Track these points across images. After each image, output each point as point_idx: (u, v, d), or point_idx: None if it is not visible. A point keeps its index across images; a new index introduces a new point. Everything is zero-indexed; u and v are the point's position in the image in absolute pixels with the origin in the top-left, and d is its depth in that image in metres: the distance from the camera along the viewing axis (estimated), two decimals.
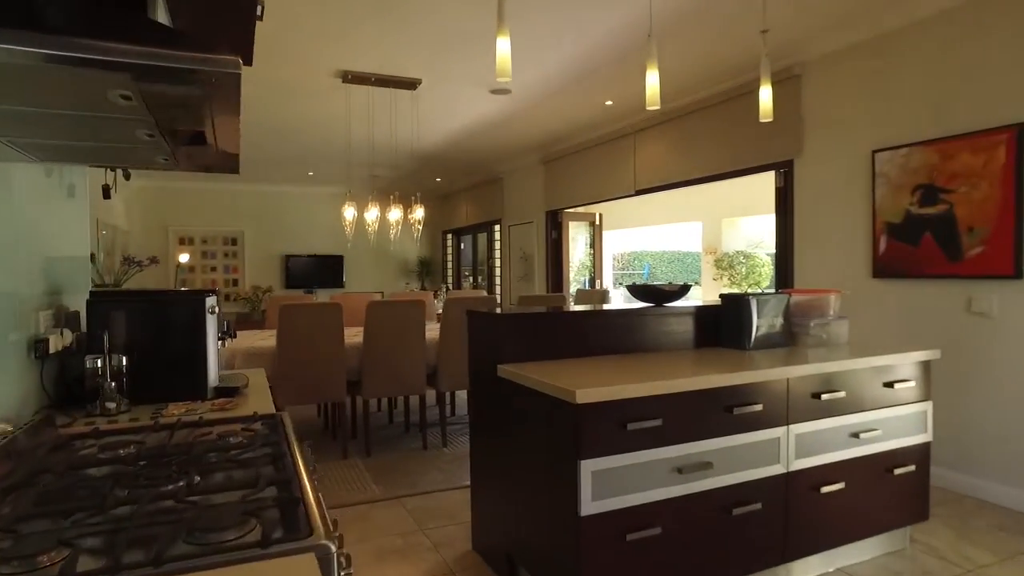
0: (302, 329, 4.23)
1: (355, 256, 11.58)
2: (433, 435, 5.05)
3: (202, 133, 1.36)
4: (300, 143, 7.56)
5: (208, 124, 1.27)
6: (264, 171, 9.64)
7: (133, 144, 1.40)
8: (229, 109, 1.20)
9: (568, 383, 2.08)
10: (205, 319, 1.98)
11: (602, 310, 2.84)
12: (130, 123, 1.23)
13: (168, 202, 10.60)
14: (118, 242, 8.79)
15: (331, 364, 4.35)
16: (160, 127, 1.26)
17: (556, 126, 6.86)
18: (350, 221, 5.46)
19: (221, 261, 10.99)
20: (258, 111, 6.08)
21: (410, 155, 7.99)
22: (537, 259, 8.50)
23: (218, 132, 1.36)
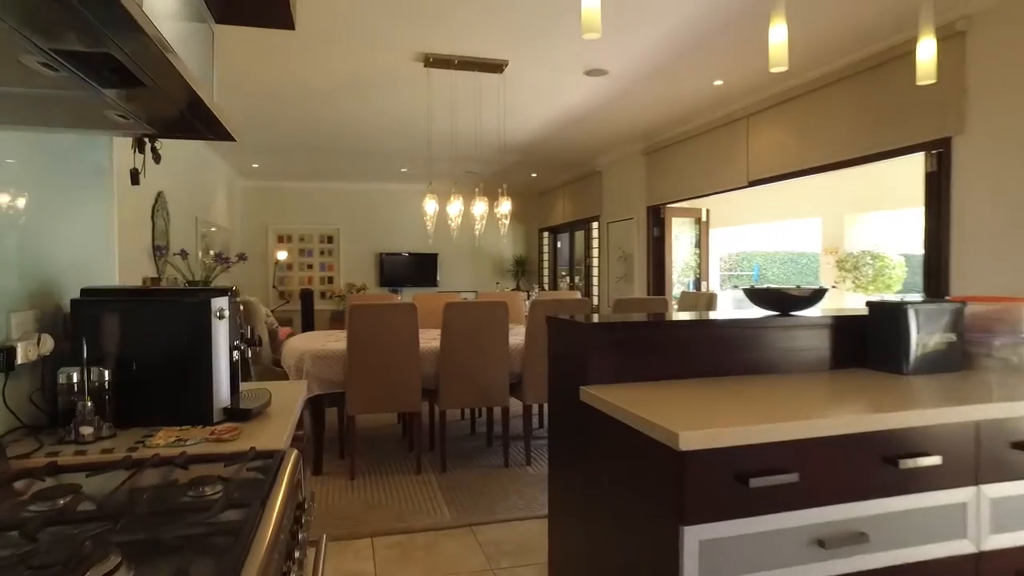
0: (373, 331, 3.90)
1: (449, 255, 11.37)
2: (516, 450, 4.61)
3: (132, 75, 0.99)
4: (386, 138, 7.34)
5: (112, 46, 0.87)
6: (358, 168, 9.57)
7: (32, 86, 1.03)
8: (123, 23, 0.80)
9: (669, 420, 1.55)
10: (211, 325, 1.60)
11: (711, 319, 2.28)
12: None
13: (268, 201, 10.78)
14: (219, 240, 8.95)
15: (405, 370, 3.99)
16: (43, 45, 0.87)
17: (658, 112, 6.24)
18: (431, 215, 5.11)
19: (317, 259, 11.07)
20: (342, 104, 5.87)
21: (499, 147, 7.59)
22: (637, 259, 7.89)
23: (144, 66, 0.96)
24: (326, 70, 4.97)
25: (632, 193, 8.02)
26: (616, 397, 1.85)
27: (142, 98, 1.24)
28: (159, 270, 6.06)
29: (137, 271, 5.62)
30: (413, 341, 3.97)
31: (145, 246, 5.80)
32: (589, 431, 2.03)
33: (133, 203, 5.50)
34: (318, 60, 4.75)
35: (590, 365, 2.08)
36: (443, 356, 4.07)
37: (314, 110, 6.13)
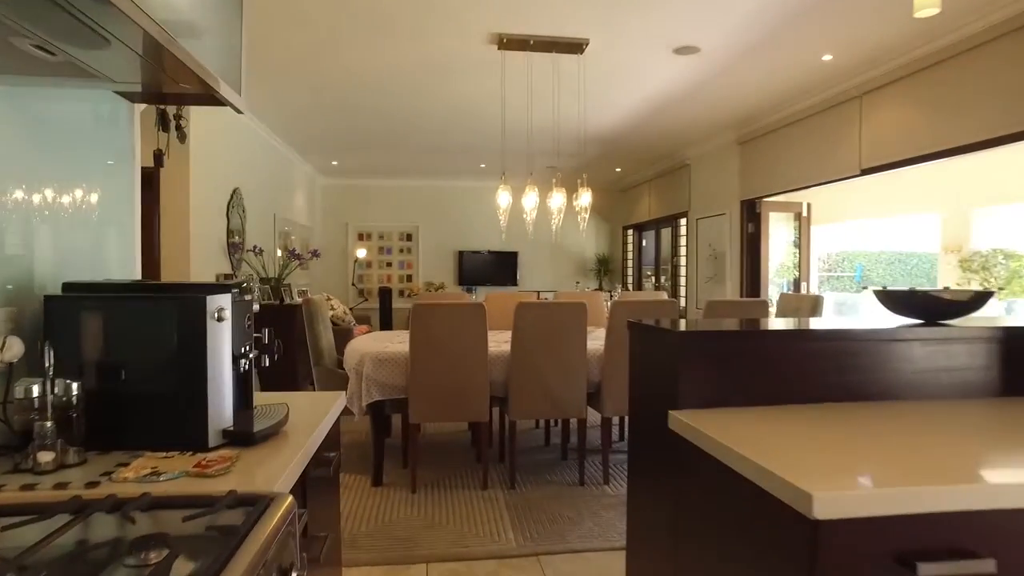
0: (437, 333, 3.59)
1: (530, 253, 11.04)
2: (593, 466, 4.19)
3: None
4: (461, 131, 7.06)
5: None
6: (437, 165, 9.38)
7: None
8: None
9: (793, 470, 1.12)
10: (205, 328, 1.30)
11: (837, 329, 1.80)
12: None
13: (348, 199, 10.78)
14: (299, 237, 8.97)
15: (471, 376, 3.66)
16: None
17: (756, 94, 5.66)
18: (504, 209, 4.76)
19: (397, 257, 10.99)
20: (414, 96, 5.62)
21: (579, 139, 7.17)
22: (730, 257, 7.28)
23: None
24: (395, 58, 4.72)
25: (724, 187, 7.42)
26: (716, 429, 1.43)
27: (60, 23, 0.92)
28: (233, 266, 6.01)
29: (211, 267, 5.57)
30: (481, 345, 3.64)
31: (219, 242, 5.75)
32: (680, 462, 1.62)
33: (206, 198, 5.45)
34: (386, 47, 4.50)
35: (681, 383, 1.66)
36: (514, 361, 3.71)
37: (386, 103, 5.92)
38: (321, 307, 4.28)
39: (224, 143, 5.82)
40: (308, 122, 6.73)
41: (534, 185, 4.72)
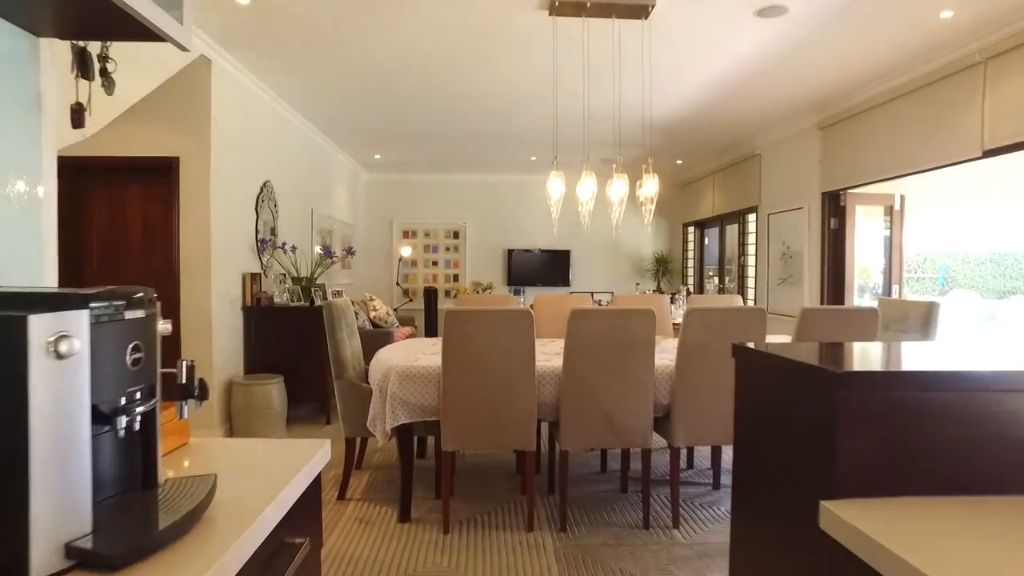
0: (476, 345, 3.00)
1: (583, 252, 10.40)
2: (660, 502, 3.55)
3: None
4: (509, 117, 6.47)
5: None
6: (485, 158, 8.83)
7: None
8: None
9: None
10: (26, 371, 0.74)
11: None
12: None
13: (392, 195, 10.34)
14: (341, 235, 8.55)
15: (516, 397, 3.06)
16: None
17: (847, 68, 4.89)
18: (557, 199, 4.14)
19: (443, 255, 10.49)
20: (457, 76, 5.04)
21: (641, 124, 6.49)
22: (808, 256, 6.49)
23: None
24: (435, 31, 4.16)
25: (802, 177, 6.62)
26: (919, 550, 0.79)
27: None
28: (263, 265, 5.57)
29: (238, 265, 5.13)
30: (527, 360, 3.04)
31: (247, 238, 5.31)
32: None
33: (233, 190, 5.01)
34: (425, 18, 3.95)
35: (841, 455, 1.03)
36: (567, 380, 3.10)
37: (426, 85, 5.37)
38: (344, 311, 3.75)
39: (252, 131, 5.38)
40: (343, 109, 6.25)
41: (591, 171, 4.09)
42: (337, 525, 3.23)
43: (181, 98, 4.61)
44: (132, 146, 4.65)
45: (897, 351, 1.34)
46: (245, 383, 4.82)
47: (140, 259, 4.83)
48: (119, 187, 4.82)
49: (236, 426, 4.81)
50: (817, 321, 3.20)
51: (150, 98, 4.54)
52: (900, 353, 1.31)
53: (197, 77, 4.58)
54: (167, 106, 4.62)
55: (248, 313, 5.25)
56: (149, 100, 4.55)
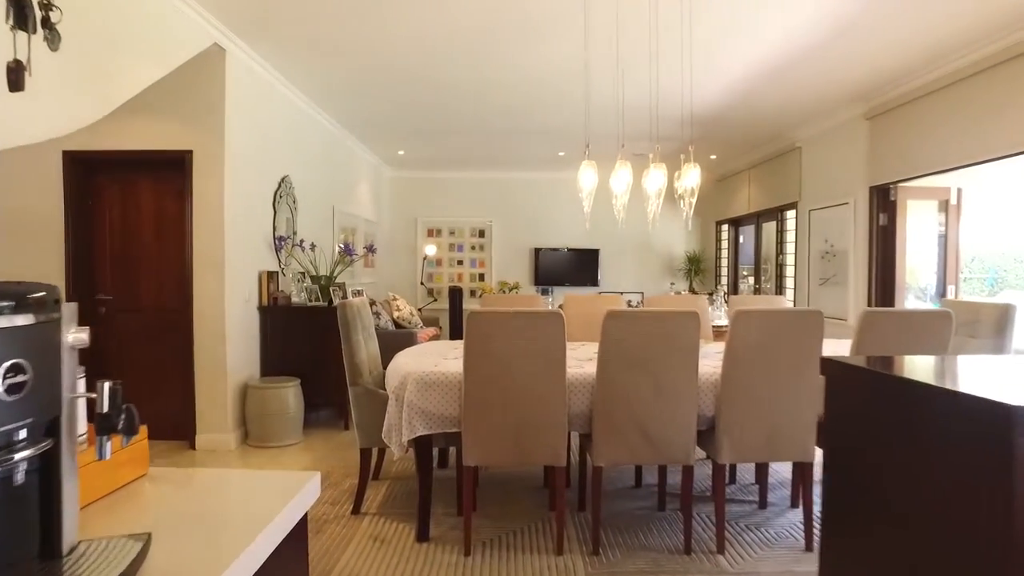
0: (500, 350, 2.73)
1: (613, 250, 10.08)
2: (702, 523, 3.24)
3: None
4: (536, 109, 6.18)
5: None
6: (512, 154, 8.55)
7: None
8: None
9: None
10: None
11: None
12: None
13: (417, 192, 10.12)
14: (364, 233, 8.35)
15: (544, 407, 2.78)
16: None
17: (898, 52, 4.51)
18: (589, 192, 3.84)
19: (468, 254, 10.25)
20: (481, 63, 4.77)
21: (680, 113, 6.15)
22: (853, 255, 6.10)
23: None
24: (457, 15, 3.89)
25: (847, 171, 6.23)
26: None
27: None
28: (281, 263, 5.37)
29: (254, 263, 4.93)
30: (557, 366, 2.76)
31: (264, 235, 5.11)
32: None
33: (249, 185, 4.80)
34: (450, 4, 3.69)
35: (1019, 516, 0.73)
36: (601, 388, 2.81)
37: (449, 75, 5.11)
38: (360, 311, 3.50)
39: (269, 125, 5.18)
40: (364, 102, 6.02)
41: (626, 161, 3.78)
42: (351, 543, 2.98)
43: (194, 89, 4.41)
44: (144, 140, 4.47)
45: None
46: (260, 386, 4.61)
47: (153, 256, 4.64)
48: (131, 182, 4.64)
49: (251, 430, 4.60)
50: (881, 326, 2.86)
51: (161, 90, 4.34)
52: None
53: (210, 67, 4.38)
54: (179, 98, 4.43)
55: (264, 313, 5.04)
56: (161, 92, 4.36)
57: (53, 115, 3.03)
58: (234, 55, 4.47)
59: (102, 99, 3.31)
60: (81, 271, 4.60)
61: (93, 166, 4.60)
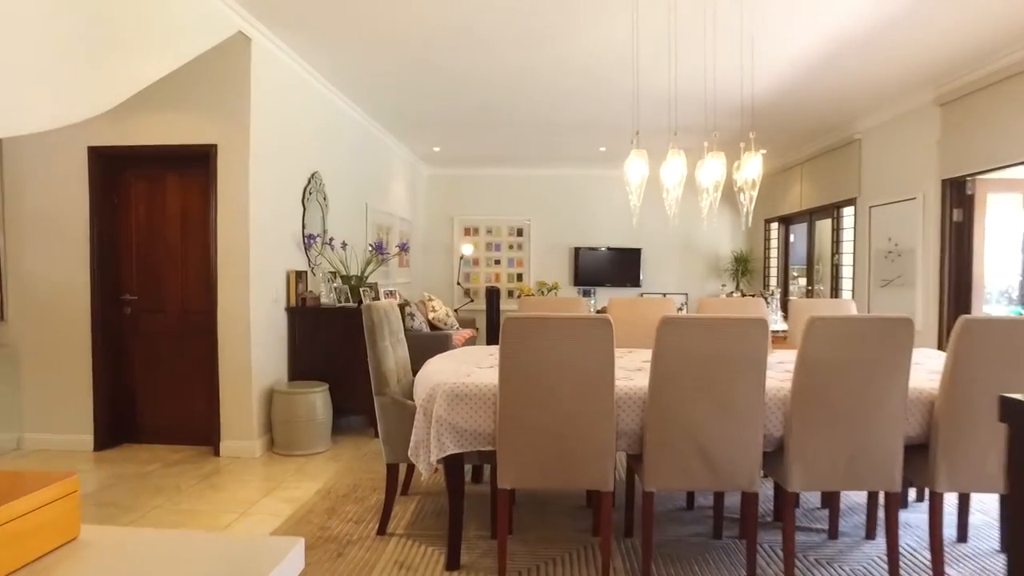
0: (541, 359, 2.42)
1: (656, 249, 9.69)
2: (766, 556, 2.88)
3: None
4: (577, 99, 5.84)
5: None
6: (550, 150, 8.23)
7: None
8: None
9: None
10: None
11: None
12: None
13: (454, 189, 9.89)
14: (399, 231, 8.14)
15: (589, 425, 2.47)
16: None
17: (974, 31, 4.06)
18: (638, 185, 3.50)
19: (506, 254, 9.97)
20: (520, 48, 4.47)
21: (739, 101, 5.76)
22: (922, 255, 5.62)
23: None
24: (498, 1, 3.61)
25: (914, 163, 5.76)
26: None
27: None
28: (310, 262, 5.16)
29: (282, 262, 4.72)
30: (605, 377, 2.44)
31: (293, 233, 4.90)
32: None
33: (277, 182, 4.60)
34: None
35: None
36: (653, 404, 2.48)
37: (486, 63, 4.83)
38: (388, 314, 3.23)
39: (297, 118, 4.97)
40: (398, 95, 5.78)
41: (679, 150, 3.43)
42: (374, 569, 2.71)
43: (218, 80, 4.22)
44: (169, 134, 4.29)
45: None
46: (287, 391, 4.39)
47: (178, 255, 4.47)
48: (157, 178, 4.48)
49: (277, 437, 4.39)
50: (982, 337, 2.46)
51: (186, 81, 4.16)
52: None
53: (235, 57, 4.17)
54: (203, 89, 4.23)
55: (292, 314, 4.83)
56: (185, 83, 4.18)
57: (68, 101, 2.86)
58: (260, 44, 4.26)
59: (117, 87, 3.11)
60: (107, 270, 4.45)
61: (118, 162, 4.44)
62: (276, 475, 3.93)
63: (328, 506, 3.41)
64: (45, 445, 4.44)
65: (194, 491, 3.63)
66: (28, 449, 4.43)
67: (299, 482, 3.80)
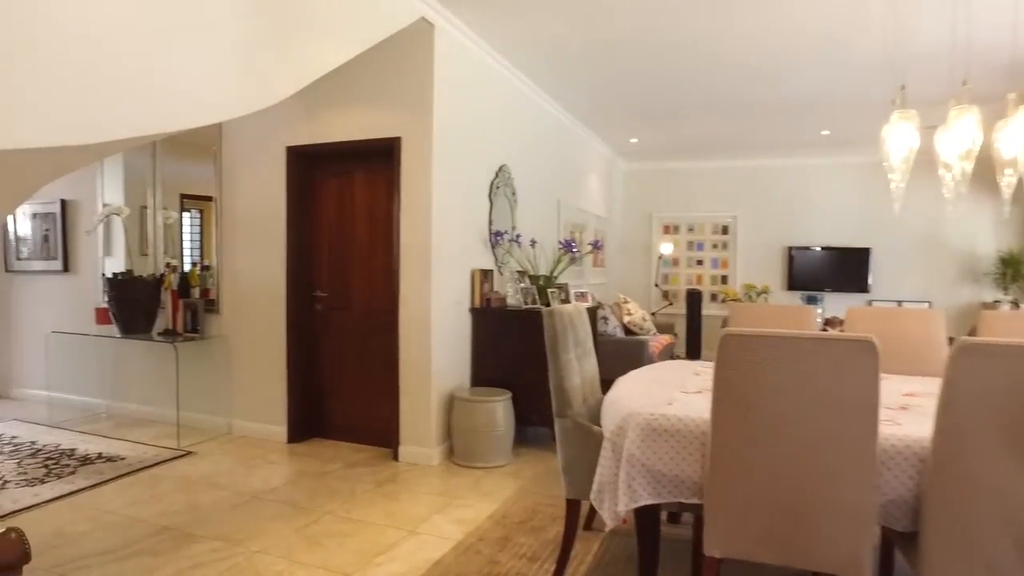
0: (767, 392, 1.79)
1: (888, 249, 8.22)
2: None
3: None
4: (799, 67, 4.92)
5: None
6: (761, 134, 7.26)
7: None
8: None
9: None
10: None
11: None
12: None
13: (653, 184, 9.21)
14: (593, 230, 7.69)
15: (835, 483, 1.79)
16: None
17: None
18: (904, 157, 2.65)
19: (709, 253, 9.09)
20: (732, 15, 3.77)
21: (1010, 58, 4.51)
22: None
23: None
24: None
25: None
26: None
27: None
28: (497, 261, 4.87)
29: (466, 260, 4.47)
30: (863, 420, 1.74)
31: (479, 230, 4.64)
32: None
33: (463, 176, 4.35)
34: None
35: None
36: (940, 462, 1.73)
37: (689, 29, 4.17)
38: (573, 321, 2.76)
39: (484, 108, 4.69)
40: (591, 81, 5.30)
41: (967, 105, 2.54)
42: None
43: (401, 70, 4.04)
44: (355, 129, 4.21)
45: None
46: (467, 398, 4.11)
47: (364, 252, 4.39)
48: (345, 175, 4.44)
49: (456, 446, 4.12)
50: None
51: (371, 72, 4.05)
52: None
53: (418, 44, 3.97)
54: (387, 80, 4.09)
55: (476, 315, 4.56)
56: (370, 76, 4.07)
57: (254, 87, 2.77)
58: (443, 30, 4.02)
59: (301, 72, 2.99)
60: (301, 267, 4.50)
61: (311, 160, 4.47)
62: (451, 489, 3.64)
63: (501, 534, 3.03)
64: (248, 432, 4.60)
65: (367, 498, 3.45)
66: (235, 435, 4.62)
67: (473, 500, 3.47)
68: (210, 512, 3.23)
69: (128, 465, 3.92)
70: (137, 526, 3.07)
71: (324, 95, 4.26)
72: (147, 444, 4.36)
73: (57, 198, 5.46)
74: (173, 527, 3.06)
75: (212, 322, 4.75)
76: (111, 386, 5.26)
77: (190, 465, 3.96)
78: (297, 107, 4.36)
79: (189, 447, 4.31)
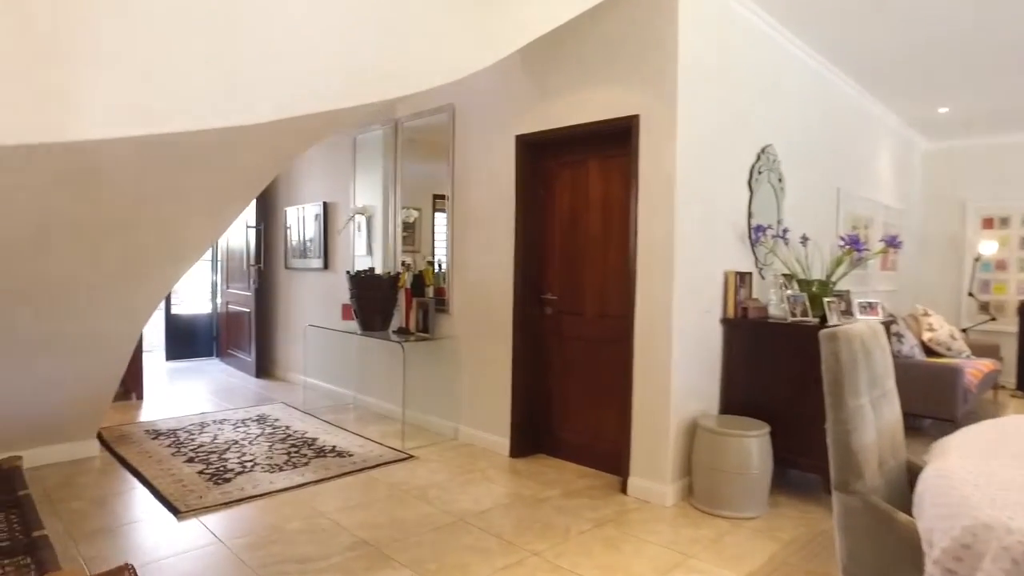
0: None
1: None
2: None
3: None
4: None
5: None
6: None
7: None
8: None
9: None
10: None
11: None
12: None
13: (966, 165, 7.36)
14: (881, 223, 6.31)
15: None
16: None
17: None
18: None
19: None
20: None
21: None
22: None
23: None
24: None
25: None
26: None
27: None
28: (758, 261, 4.05)
29: (719, 261, 3.75)
30: None
31: (736, 224, 3.87)
32: None
33: (715, 158, 3.62)
34: None
35: None
36: None
37: None
38: (866, 349, 1.91)
39: (740, 75, 3.88)
40: (881, 28, 4.14)
41: None
42: None
43: (639, 37, 3.44)
44: (588, 110, 3.70)
45: None
46: (714, 429, 3.37)
47: (598, 250, 3.87)
48: (578, 164, 3.96)
49: (697, 486, 3.40)
50: None
51: (605, 47, 3.53)
52: None
53: (658, 4, 3.33)
54: (624, 51, 3.51)
55: (729, 327, 3.78)
56: (604, 49, 3.56)
57: (464, 47, 2.56)
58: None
59: (523, 27, 2.64)
60: (530, 266, 4.14)
61: (541, 149, 4.07)
62: (685, 542, 2.94)
63: None
64: (474, 440, 4.38)
65: (582, 540, 2.92)
66: (460, 441, 4.43)
67: (712, 563, 2.74)
68: (411, 531, 2.98)
69: (353, 463, 3.89)
70: (340, 535, 2.92)
71: (552, 75, 3.84)
72: (376, 442, 4.35)
73: (321, 200, 5.84)
74: (371, 542, 2.85)
75: (443, 322, 4.62)
76: (357, 379, 5.46)
77: (408, 471, 3.81)
78: (525, 92, 4.00)
79: (413, 449, 4.19)
